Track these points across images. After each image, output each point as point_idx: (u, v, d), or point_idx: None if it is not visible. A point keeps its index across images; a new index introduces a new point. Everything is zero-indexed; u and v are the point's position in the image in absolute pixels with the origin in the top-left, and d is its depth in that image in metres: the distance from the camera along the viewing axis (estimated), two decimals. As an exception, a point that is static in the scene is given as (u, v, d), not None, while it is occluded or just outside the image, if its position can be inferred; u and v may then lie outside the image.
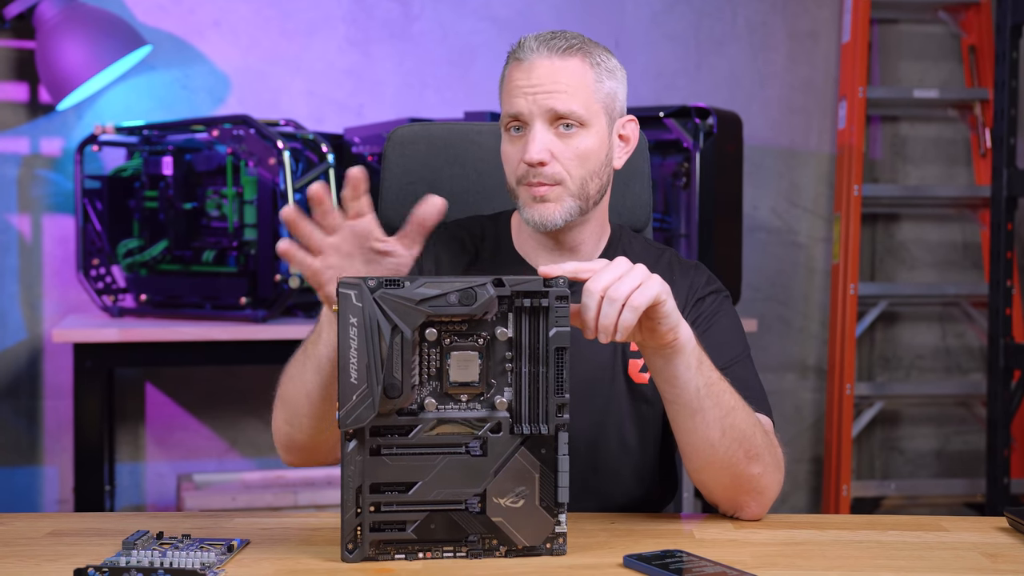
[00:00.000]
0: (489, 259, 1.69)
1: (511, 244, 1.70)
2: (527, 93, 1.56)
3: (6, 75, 3.37)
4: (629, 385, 1.64)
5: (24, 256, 3.39)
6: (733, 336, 1.66)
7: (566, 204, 1.58)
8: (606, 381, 1.64)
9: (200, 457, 3.51)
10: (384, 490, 1.29)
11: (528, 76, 1.57)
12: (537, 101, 1.56)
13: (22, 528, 1.46)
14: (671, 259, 1.72)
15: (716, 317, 1.67)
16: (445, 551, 1.30)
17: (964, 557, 1.37)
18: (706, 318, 1.66)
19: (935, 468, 3.83)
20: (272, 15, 3.51)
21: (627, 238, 1.73)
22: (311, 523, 1.48)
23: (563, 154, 1.56)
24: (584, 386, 1.62)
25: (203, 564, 1.28)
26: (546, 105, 1.56)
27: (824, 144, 3.80)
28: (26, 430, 3.42)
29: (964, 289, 3.76)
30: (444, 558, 1.30)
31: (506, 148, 1.61)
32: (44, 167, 3.40)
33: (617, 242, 1.70)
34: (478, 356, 1.30)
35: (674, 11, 3.71)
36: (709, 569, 1.25)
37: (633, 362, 1.64)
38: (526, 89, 1.56)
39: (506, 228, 1.72)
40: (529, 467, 1.30)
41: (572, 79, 1.57)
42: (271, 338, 2.92)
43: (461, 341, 1.30)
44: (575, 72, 1.57)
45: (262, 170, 2.95)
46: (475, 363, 1.30)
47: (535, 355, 1.30)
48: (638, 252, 1.70)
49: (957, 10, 3.78)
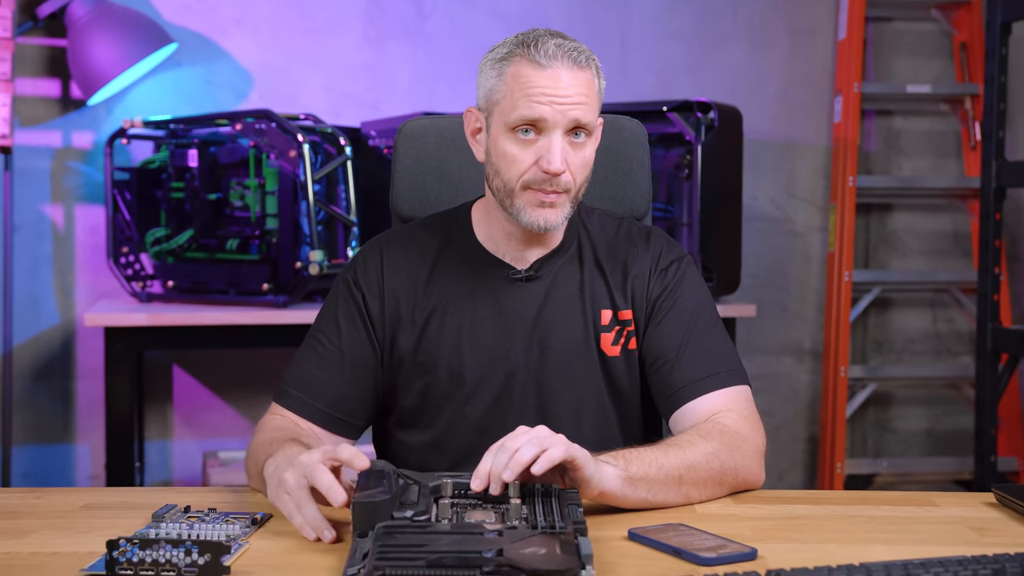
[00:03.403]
0: (455, 256, 1.66)
1: (475, 238, 1.66)
2: (554, 102, 1.52)
3: (39, 71, 3.38)
4: (602, 358, 1.64)
5: (57, 244, 3.40)
6: (698, 304, 1.65)
7: (566, 209, 1.58)
8: (580, 357, 1.63)
9: (225, 435, 3.52)
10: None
11: (555, 85, 1.52)
12: (564, 112, 1.52)
13: (57, 502, 1.47)
14: (629, 228, 1.70)
15: (680, 288, 1.65)
16: None
17: (953, 531, 1.37)
18: (670, 291, 1.65)
19: (925, 447, 3.83)
20: (292, 14, 3.51)
21: (587, 213, 1.71)
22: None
23: (574, 163, 1.55)
24: (561, 360, 1.63)
25: (228, 536, 1.28)
26: (571, 116, 1.53)
27: (821, 137, 3.79)
28: (60, 410, 3.44)
29: (954, 276, 3.75)
30: None
31: (512, 149, 1.55)
32: (76, 159, 3.40)
33: (577, 221, 1.68)
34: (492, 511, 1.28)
35: (677, 9, 3.70)
36: (710, 542, 1.25)
37: (604, 335, 1.64)
38: (553, 98, 1.52)
39: (467, 221, 1.68)
40: (549, 537, 1.19)
41: (588, 90, 1.55)
42: (292, 322, 2.93)
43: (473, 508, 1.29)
44: (590, 83, 1.56)
45: (283, 162, 2.95)
46: (489, 512, 1.28)
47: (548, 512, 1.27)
48: (599, 225, 1.70)
49: (949, 8, 3.76)
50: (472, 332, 1.62)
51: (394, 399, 1.66)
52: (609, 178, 1.84)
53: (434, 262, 1.66)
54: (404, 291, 1.64)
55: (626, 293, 1.65)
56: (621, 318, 1.64)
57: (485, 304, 1.63)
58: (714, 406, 1.56)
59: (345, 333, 1.63)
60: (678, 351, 1.61)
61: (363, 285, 1.65)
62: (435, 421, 1.64)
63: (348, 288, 1.66)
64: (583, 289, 1.65)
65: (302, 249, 2.97)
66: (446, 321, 1.63)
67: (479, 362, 1.62)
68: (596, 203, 1.78)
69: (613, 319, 1.64)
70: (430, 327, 1.63)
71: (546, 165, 1.52)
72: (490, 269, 1.65)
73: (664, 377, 1.61)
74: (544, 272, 1.65)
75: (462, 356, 1.62)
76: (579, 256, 1.67)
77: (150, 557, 1.15)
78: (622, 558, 1.23)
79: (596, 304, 1.64)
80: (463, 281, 1.64)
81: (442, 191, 1.83)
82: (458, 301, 1.63)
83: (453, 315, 1.63)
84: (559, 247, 1.66)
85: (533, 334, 1.63)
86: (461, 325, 1.63)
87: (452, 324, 1.63)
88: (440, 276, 1.65)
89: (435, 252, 1.66)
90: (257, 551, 1.26)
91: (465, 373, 1.62)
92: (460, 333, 1.62)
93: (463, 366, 1.62)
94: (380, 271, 1.65)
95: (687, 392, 1.58)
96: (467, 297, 1.63)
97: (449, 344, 1.62)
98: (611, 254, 1.67)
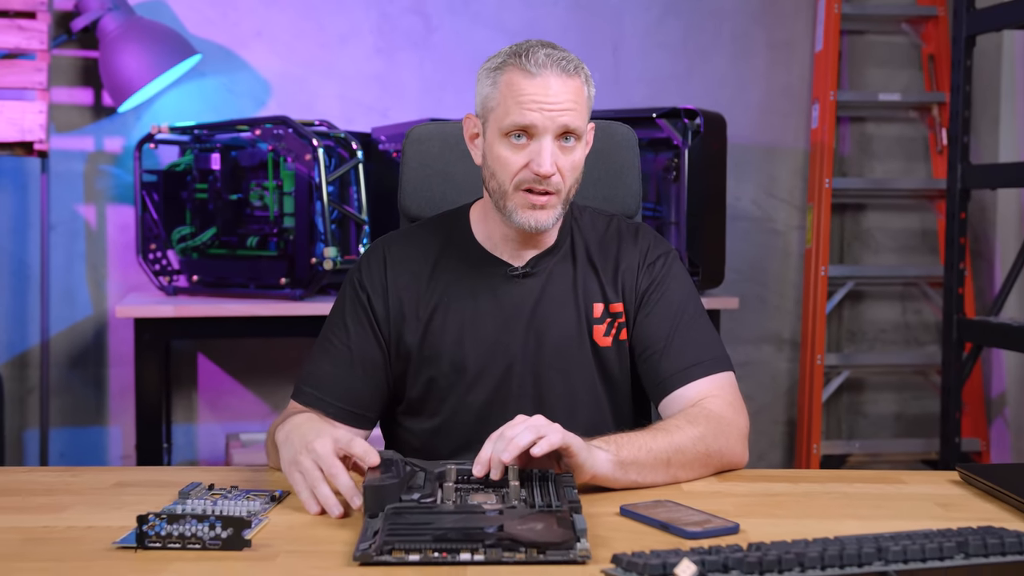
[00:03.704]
0: (455, 255, 1.65)
1: (473, 238, 1.65)
2: (544, 109, 1.51)
3: (73, 81, 3.37)
4: (594, 348, 1.64)
5: (90, 242, 3.40)
6: (683, 296, 1.65)
7: (557, 210, 1.57)
8: (574, 347, 1.63)
9: (246, 419, 3.52)
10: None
11: (545, 92, 1.51)
12: (553, 118, 1.51)
13: (91, 480, 1.48)
14: (619, 225, 1.70)
15: (667, 281, 1.65)
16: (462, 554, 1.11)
17: (920, 506, 1.37)
18: (658, 284, 1.64)
19: (895, 429, 3.83)
20: (308, 27, 3.50)
21: (578, 212, 1.70)
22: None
23: (564, 166, 1.54)
24: (556, 351, 1.62)
25: (249, 512, 1.29)
26: (560, 122, 1.52)
27: (799, 142, 3.79)
28: (94, 395, 3.44)
29: (922, 271, 3.75)
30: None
31: (505, 153, 1.54)
32: (107, 163, 3.40)
33: (570, 220, 1.68)
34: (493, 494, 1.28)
35: (666, 23, 3.69)
36: (695, 517, 1.25)
37: (597, 327, 1.64)
38: (543, 105, 1.51)
39: (466, 222, 1.67)
40: (547, 515, 1.19)
41: (577, 97, 1.54)
42: (307, 314, 2.93)
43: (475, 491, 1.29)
44: (579, 91, 1.55)
45: (299, 165, 2.95)
46: (490, 495, 1.27)
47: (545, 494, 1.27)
48: (590, 223, 1.69)
49: (917, 23, 3.76)
50: (473, 326, 1.62)
51: (401, 390, 1.65)
52: (602, 180, 1.84)
53: (435, 261, 1.65)
54: (408, 290, 1.63)
55: (617, 286, 1.65)
56: (612, 311, 1.64)
57: (485, 300, 1.63)
58: (700, 392, 1.56)
59: (353, 333, 1.62)
60: (666, 341, 1.60)
61: (368, 286, 1.64)
62: (439, 409, 1.64)
63: (354, 289, 1.65)
64: (576, 284, 1.64)
65: (317, 246, 2.97)
66: (448, 316, 1.62)
67: (479, 354, 1.62)
68: (590, 203, 1.78)
69: (605, 312, 1.64)
70: (433, 322, 1.62)
71: (536, 168, 1.52)
72: (489, 267, 1.64)
73: (653, 366, 1.61)
74: (539, 269, 1.64)
75: (464, 349, 1.61)
76: (572, 253, 1.66)
77: (177, 531, 1.15)
78: (614, 532, 1.23)
79: (588, 298, 1.64)
80: (463, 278, 1.64)
81: (447, 192, 1.83)
82: (459, 297, 1.63)
83: (455, 311, 1.62)
84: (553, 246, 1.65)
85: (530, 327, 1.62)
86: (463, 320, 1.62)
87: (454, 319, 1.62)
88: (442, 274, 1.64)
89: (436, 251, 1.65)
90: (276, 526, 1.26)
91: (467, 365, 1.61)
92: (462, 327, 1.62)
93: (465, 358, 1.61)
94: (384, 272, 1.64)
95: (675, 380, 1.58)
96: (467, 293, 1.63)
97: (452, 338, 1.62)
98: (602, 250, 1.67)
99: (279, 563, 1.13)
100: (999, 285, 3.34)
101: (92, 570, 1.11)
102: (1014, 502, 1.35)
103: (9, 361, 3.36)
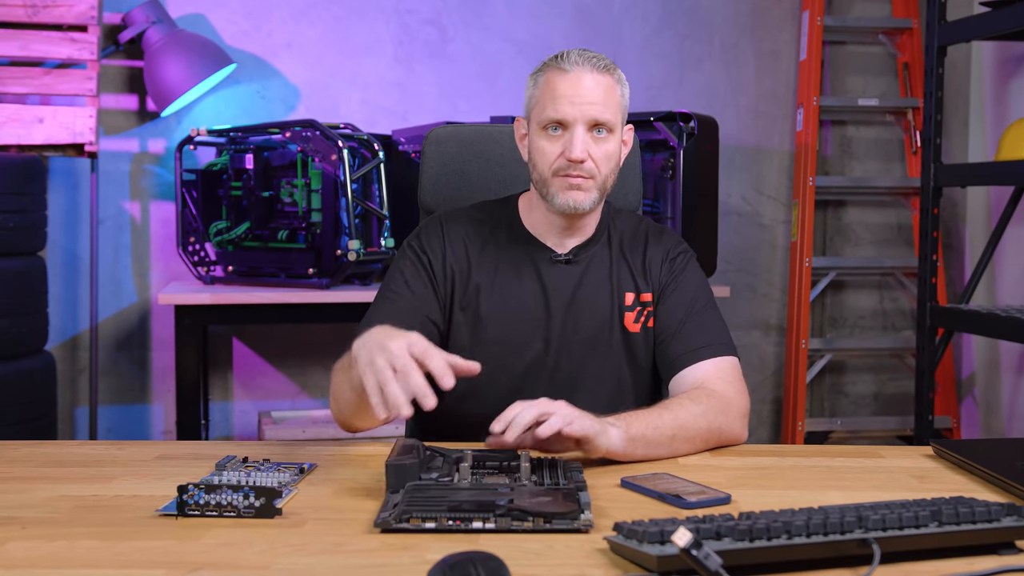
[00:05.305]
0: (504, 237, 1.65)
1: (522, 224, 1.66)
2: (574, 102, 1.53)
3: (120, 88, 3.37)
4: (625, 334, 1.64)
5: (135, 235, 3.41)
6: (698, 289, 1.67)
7: (592, 194, 1.57)
8: (607, 332, 1.63)
9: (277, 398, 3.53)
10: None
11: (576, 88, 1.53)
12: (583, 110, 1.53)
13: (136, 453, 1.48)
14: (648, 226, 1.72)
15: (684, 274, 1.67)
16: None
17: (897, 479, 1.36)
18: (676, 277, 1.66)
19: (873, 407, 3.82)
20: (334, 38, 3.49)
21: (614, 213, 1.71)
22: (367, 451, 1.48)
23: (596, 154, 1.55)
24: (591, 334, 1.62)
25: (280, 483, 1.28)
26: (589, 113, 1.54)
27: (785, 143, 3.77)
28: (138, 375, 3.45)
29: (898, 262, 3.73)
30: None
31: (543, 144, 1.56)
32: (151, 163, 3.40)
33: (607, 217, 1.69)
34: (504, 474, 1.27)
35: (662, 35, 3.67)
36: (691, 488, 1.25)
37: (628, 314, 1.64)
38: (573, 98, 1.53)
39: (515, 210, 1.68)
40: (554, 491, 1.18)
41: (607, 93, 1.55)
42: (333, 301, 2.93)
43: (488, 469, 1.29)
44: (609, 87, 1.56)
45: (325, 164, 2.94)
46: (503, 477, 1.26)
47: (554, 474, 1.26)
48: (623, 222, 1.70)
49: (893, 34, 3.74)
50: (519, 302, 1.62)
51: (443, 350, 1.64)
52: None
53: (486, 239, 1.65)
54: (460, 262, 1.63)
55: (646, 278, 1.66)
56: (642, 299, 1.65)
57: (530, 280, 1.63)
58: (706, 372, 1.57)
59: (412, 284, 1.61)
60: (679, 326, 1.61)
61: (428, 250, 1.63)
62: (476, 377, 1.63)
63: (414, 252, 1.64)
64: (611, 274, 1.65)
65: (342, 239, 2.97)
66: (495, 290, 1.62)
67: (521, 329, 1.61)
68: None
69: (635, 300, 1.65)
70: (481, 294, 1.62)
71: (568, 154, 1.53)
72: (535, 251, 1.64)
73: (665, 347, 1.62)
74: (580, 257, 1.65)
75: (508, 321, 1.61)
76: (608, 245, 1.67)
77: (214, 500, 1.15)
78: (614, 503, 1.22)
79: (621, 287, 1.65)
80: (511, 258, 1.64)
81: (462, 189, 1.83)
82: (507, 273, 1.63)
83: (501, 285, 1.62)
84: (593, 236, 1.66)
85: (569, 309, 1.62)
86: (508, 295, 1.62)
87: (500, 293, 1.62)
88: (491, 252, 1.64)
89: (488, 231, 1.66)
90: (305, 495, 1.26)
91: (510, 336, 1.61)
92: (507, 303, 1.62)
93: (508, 330, 1.61)
94: (442, 238, 1.64)
95: (684, 360, 1.59)
96: (514, 272, 1.63)
97: (498, 310, 1.61)
98: (633, 245, 1.68)
99: (307, 529, 1.13)
100: (968, 275, 3.32)
101: (137, 535, 1.10)
102: (983, 474, 1.34)
103: (61, 344, 3.37)
